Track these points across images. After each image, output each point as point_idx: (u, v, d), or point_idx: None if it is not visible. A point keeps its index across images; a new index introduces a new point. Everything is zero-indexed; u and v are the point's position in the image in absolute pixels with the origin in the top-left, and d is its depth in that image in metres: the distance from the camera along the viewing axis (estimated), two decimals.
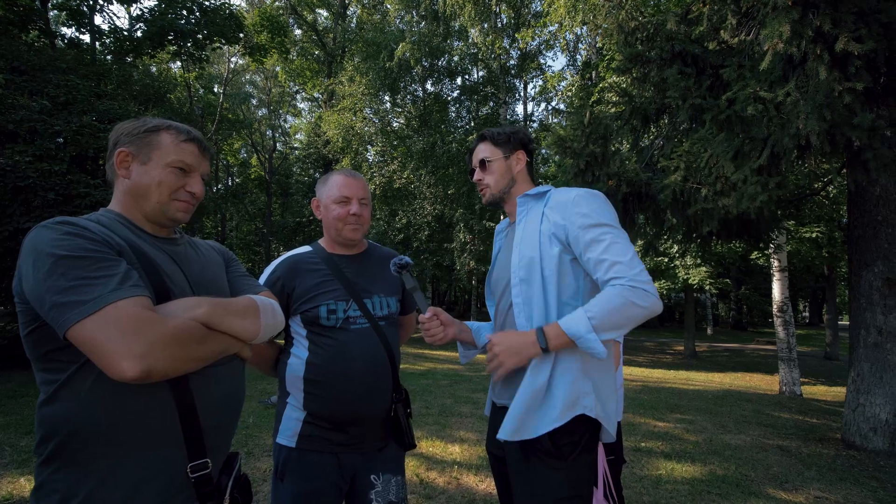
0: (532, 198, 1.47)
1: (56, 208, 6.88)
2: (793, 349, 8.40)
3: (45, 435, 0.90)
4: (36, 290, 0.84)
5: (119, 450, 0.90)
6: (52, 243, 0.85)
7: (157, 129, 1.06)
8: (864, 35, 2.47)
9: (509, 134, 1.53)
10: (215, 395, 1.02)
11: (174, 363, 0.86)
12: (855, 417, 4.73)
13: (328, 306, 1.45)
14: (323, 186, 1.60)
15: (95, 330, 0.80)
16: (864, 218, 4.70)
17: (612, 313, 1.19)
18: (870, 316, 4.67)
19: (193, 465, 0.97)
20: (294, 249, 1.61)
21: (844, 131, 2.69)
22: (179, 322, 0.89)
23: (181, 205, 1.08)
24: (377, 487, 1.47)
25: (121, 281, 0.86)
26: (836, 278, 15.66)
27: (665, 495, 3.33)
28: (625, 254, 1.25)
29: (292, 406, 1.47)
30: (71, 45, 10.40)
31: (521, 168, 1.53)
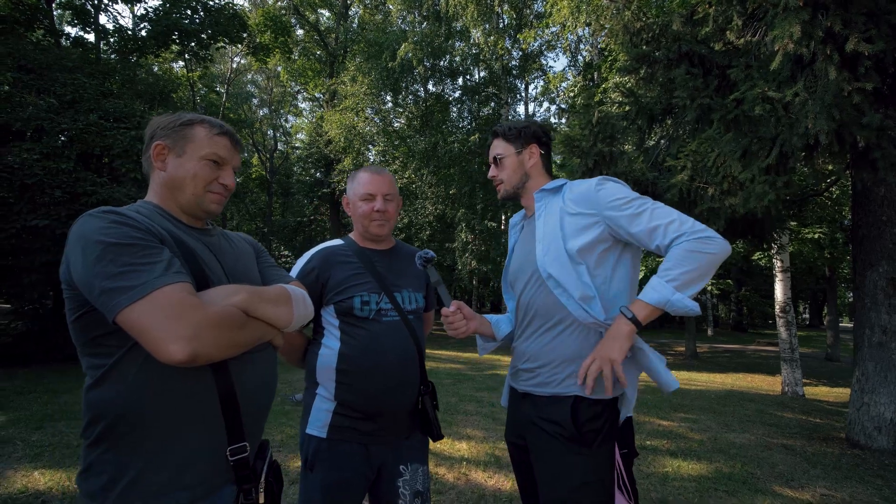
0: (549, 192, 1.49)
1: (62, 206, 6.91)
2: (795, 350, 8.42)
3: (93, 417, 0.93)
4: (85, 276, 0.87)
5: (165, 432, 0.93)
6: (99, 231, 0.88)
7: (192, 123, 1.09)
8: (874, 36, 2.50)
9: (520, 129, 1.53)
10: (252, 381, 1.05)
11: (218, 348, 0.89)
12: (859, 416, 4.76)
13: (361, 297, 1.48)
14: (351, 183, 1.63)
15: (144, 314, 0.83)
16: (869, 218, 4.72)
17: (688, 268, 1.21)
18: (874, 315, 4.70)
19: (233, 449, 0.99)
20: (326, 242, 1.63)
21: (853, 131, 2.72)
22: (221, 307, 0.92)
23: (215, 196, 1.10)
24: (405, 476, 1.49)
25: (166, 267, 0.89)
26: (837, 279, 15.69)
27: (673, 492, 3.35)
28: (670, 214, 1.28)
29: (322, 397, 1.48)
30: (76, 44, 10.44)
31: (534, 162, 1.53)
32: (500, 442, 4.33)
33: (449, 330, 1.50)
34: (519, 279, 1.51)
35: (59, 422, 4.42)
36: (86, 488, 0.93)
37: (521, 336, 1.49)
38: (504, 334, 1.63)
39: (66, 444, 3.78)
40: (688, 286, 1.21)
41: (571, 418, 1.29)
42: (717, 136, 3.53)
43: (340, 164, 16.71)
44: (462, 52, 16.43)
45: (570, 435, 1.28)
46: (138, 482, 0.91)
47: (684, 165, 3.86)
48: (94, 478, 0.92)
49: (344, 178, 16.63)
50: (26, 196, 6.89)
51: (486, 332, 1.61)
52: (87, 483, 0.93)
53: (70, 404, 5.09)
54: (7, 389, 5.67)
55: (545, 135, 1.56)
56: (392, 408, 1.47)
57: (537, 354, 1.41)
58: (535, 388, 1.40)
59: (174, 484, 0.93)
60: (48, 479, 3.09)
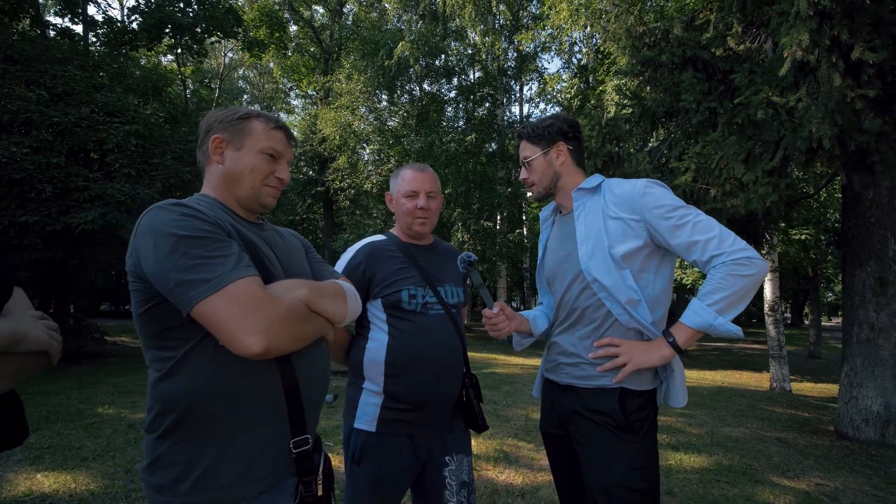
0: (587, 192, 1.49)
1: (53, 202, 6.77)
2: (783, 347, 8.67)
3: (162, 409, 0.92)
4: (158, 268, 0.87)
5: (235, 424, 0.93)
6: (171, 223, 0.88)
7: (249, 117, 1.09)
8: (878, 45, 2.63)
9: (544, 128, 1.51)
10: (311, 375, 1.05)
11: (289, 340, 0.90)
12: (848, 410, 4.94)
13: (409, 291, 1.50)
14: (395, 180, 1.65)
15: (220, 307, 0.83)
16: (858, 220, 4.91)
17: (729, 292, 1.24)
18: (863, 313, 4.88)
19: (296, 441, 1.00)
20: (369, 237, 1.66)
21: (853, 136, 2.84)
22: (290, 301, 0.93)
23: (271, 190, 1.11)
24: (451, 467, 1.52)
25: (237, 261, 0.89)
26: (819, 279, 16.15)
27: (678, 483, 3.46)
28: (711, 229, 1.29)
29: (369, 391, 1.50)
30: (63, 35, 10.19)
31: (563, 160, 1.52)
32: (508, 438, 4.40)
33: (492, 331, 1.52)
34: (559, 278, 1.53)
35: (56, 423, 4.34)
36: (154, 481, 0.92)
37: (563, 333, 1.53)
38: (541, 330, 1.66)
39: (67, 445, 3.72)
40: (729, 310, 1.25)
41: (620, 408, 1.34)
42: (721, 139, 3.64)
43: (335, 162, 16.61)
44: (458, 52, 16.46)
45: (618, 424, 1.34)
46: (211, 474, 0.91)
47: (688, 167, 3.97)
48: (163, 470, 0.92)
49: (338, 176, 16.54)
50: (15, 191, 6.71)
51: (524, 329, 1.64)
52: (156, 476, 0.92)
53: (64, 406, 5.00)
54: None
55: (571, 128, 1.53)
56: (439, 398, 1.50)
57: (581, 350, 1.45)
58: (580, 380, 1.44)
59: (246, 476, 0.93)
60: (52, 481, 3.04)
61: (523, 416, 5.28)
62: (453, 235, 14.83)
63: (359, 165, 16.24)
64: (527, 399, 6.32)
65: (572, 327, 1.49)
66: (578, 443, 1.42)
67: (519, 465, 3.68)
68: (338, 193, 17.20)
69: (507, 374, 8.54)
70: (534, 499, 3.05)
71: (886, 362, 4.72)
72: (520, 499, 3.05)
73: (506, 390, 6.88)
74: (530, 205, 18.42)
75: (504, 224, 16.78)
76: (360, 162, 16.42)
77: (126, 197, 6.99)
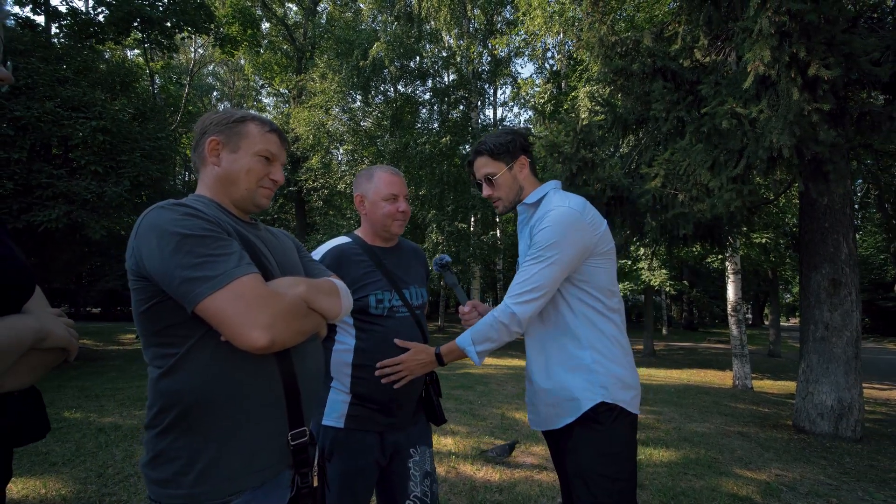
0: (530, 206, 1.55)
1: (14, 199, 6.45)
2: (745, 346, 9.09)
3: (164, 406, 0.94)
4: (163, 266, 0.89)
5: (236, 418, 0.96)
6: (174, 223, 0.91)
7: (244, 120, 1.12)
8: (832, 63, 2.84)
9: (507, 144, 1.53)
10: (309, 369, 1.09)
11: (291, 335, 0.94)
12: (804, 405, 5.24)
13: (376, 296, 1.53)
14: (368, 183, 1.62)
15: (226, 303, 0.87)
16: (813, 225, 5.22)
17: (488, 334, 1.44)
18: (818, 313, 5.19)
19: (294, 433, 1.03)
20: (334, 240, 1.65)
21: (810, 146, 3.05)
22: (291, 297, 0.97)
23: (266, 191, 1.14)
24: (415, 458, 1.57)
25: (239, 258, 0.92)
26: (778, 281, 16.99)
27: (648, 476, 3.59)
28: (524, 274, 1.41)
29: (336, 390, 1.53)
30: (24, 25, 9.70)
31: (525, 173, 1.56)
32: (484, 436, 4.46)
33: (466, 327, 1.58)
34: None
35: None
36: (156, 476, 0.94)
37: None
38: None
39: (34, 450, 3.57)
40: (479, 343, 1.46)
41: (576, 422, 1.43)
42: (689, 147, 3.82)
43: (308, 162, 16.38)
44: (433, 54, 16.54)
45: (585, 415, 1.40)
46: (213, 468, 0.93)
47: (657, 173, 4.14)
48: (165, 465, 0.94)
49: (311, 176, 16.31)
50: None
51: None
52: (158, 471, 0.94)
53: None
54: None
55: (527, 141, 1.58)
56: (404, 396, 1.54)
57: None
58: None
59: (247, 468, 0.96)
60: (21, 486, 2.93)
61: (499, 415, 5.36)
62: (427, 237, 14.85)
63: (332, 166, 16.08)
64: (501, 398, 6.42)
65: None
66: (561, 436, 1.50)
67: (496, 462, 3.74)
68: (311, 193, 16.97)
69: (480, 374, 8.62)
70: (511, 494, 3.12)
71: (839, 359, 5.03)
72: (497, 494, 3.11)
73: (480, 390, 6.96)
74: None
75: (478, 226, 16.94)
76: (334, 162, 16.26)
77: (92, 195, 6.72)
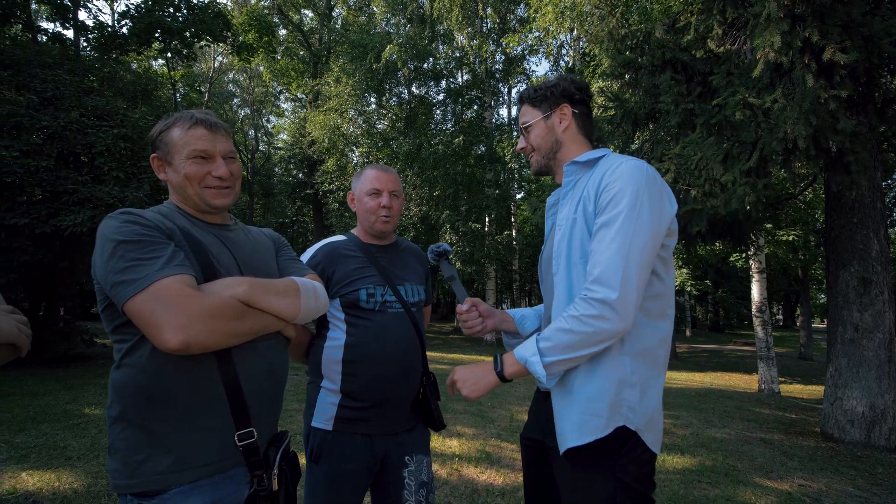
0: (581, 166, 1.23)
1: (42, 205, 6.71)
2: (771, 348, 8.72)
3: (113, 399, 1.01)
4: (102, 271, 0.96)
5: (172, 415, 0.98)
6: (113, 230, 0.96)
7: (169, 128, 1.10)
8: (848, 46, 2.67)
9: (547, 89, 1.28)
10: (258, 368, 1.07)
11: (213, 336, 0.93)
12: (833, 411, 4.97)
13: (367, 290, 1.51)
14: (357, 181, 1.66)
15: (143, 304, 0.90)
16: (841, 220, 4.95)
17: (570, 342, 1.06)
18: (846, 313, 4.92)
19: (240, 434, 1.02)
20: (329, 238, 1.66)
21: (828, 136, 2.88)
22: (218, 299, 0.96)
23: (212, 192, 1.11)
24: (410, 467, 1.52)
25: (167, 261, 0.94)
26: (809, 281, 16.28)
27: (659, 484, 3.46)
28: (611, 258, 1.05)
29: (327, 390, 1.50)
30: (54, 40, 10.15)
31: (566, 126, 1.27)
32: (491, 439, 4.39)
33: (464, 328, 1.43)
34: (544, 269, 1.34)
35: (42, 423, 4.30)
36: (110, 465, 1.01)
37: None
38: (529, 331, 1.49)
39: (52, 445, 3.69)
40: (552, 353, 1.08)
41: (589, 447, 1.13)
42: (700, 140, 3.67)
43: (324, 164, 16.60)
44: (446, 55, 16.53)
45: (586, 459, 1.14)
46: (146, 462, 0.97)
47: (668, 168, 4.00)
48: (115, 455, 0.99)
49: (328, 178, 16.53)
50: (5, 195, 6.66)
51: (509, 328, 1.50)
52: (110, 461, 1.01)
53: (51, 406, 4.95)
54: None
55: (579, 91, 1.28)
56: (396, 396, 1.50)
57: None
58: None
59: (178, 464, 0.97)
60: (37, 479, 3.04)
61: (507, 417, 5.27)
62: (441, 237, 14.83)
63: (348, 168, 16.24)
64: (512, 400, 6.32)
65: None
66: (555, 463, 1.24)
67: (501, 465, 3.67)
68: (327, 196, 17.18)
69: None
70: (514, 499, 3.04)
71: (871, 363, 4.75)
72: (500, 498, 3.04)
73: (491, 392, 6.88)
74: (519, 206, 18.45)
75: (492, 226, 16.81)
76: (349, 164, 16.42)
77: (115, 199, 6.96)
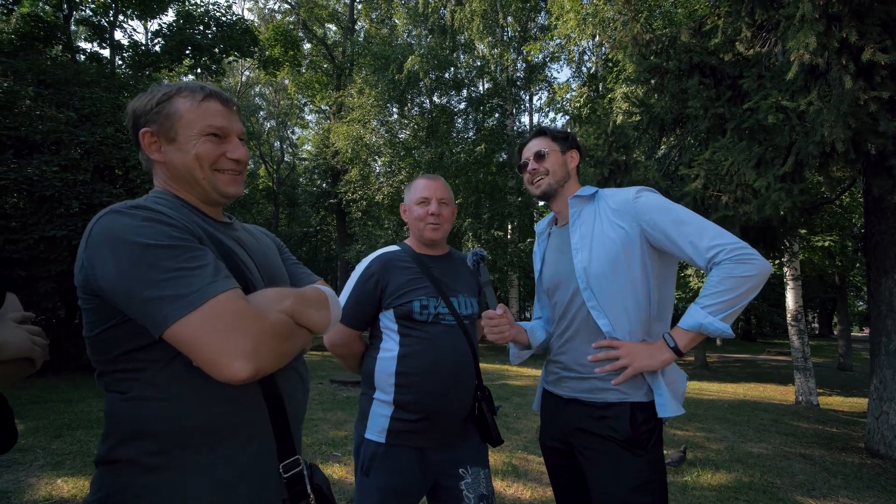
0: (583, 199, 1.49)
1: (79, 217, 7.02)
2: (808, 358, 8.34)
3: (124, 437, 0.82)
4: (121, 284, 0.75)
5: (212, 451, 0.83)
6: (133, 231, 0.76)
7: (170, 97, 0.91)
8: (889, 46, 2.56)
9: (567, 133, 1.59)
10: (295, 385, 0.97)
11: (276, 359, 0.80)
12: (878, 425, 4.71)
13: (421, 301, 1.50)
14: (408, 192, 1.68)
15: (199, 327, 0.73)
16: (882, 226, 4.73)
17: (724, 297, 1.22)
18: (890, 323, 4.68)
19: (286, 464, 0.90)
20: (383, 248, 1.66)
21: (868, 139, 2.76)
22: (276, 316, 0.82)
23: (227, 177, 0.94)
24: (467, 479, 1.49)
25: (214, 272, 0.78)
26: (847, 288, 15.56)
27: (694, 501, 3.33)
28: (709, 226, 1.30)
29: (379, 402, 1.50)
30: (91, 59, 10.68)
31: (574, 166, 1.56)
32: (518, 451, 4.32)
33: (491, 334, 1.47)
34: (560, 289, 1.51)
35: (77, 430, 4.45)
36: None
37: (565, 345, 1.49)
38: (539, 342, 1.62)
39: (87, 452, 3.81)
40: (722, 311, 1.24)
41: (629, 421, 1.32)
42: (731, 145, 3.57)
43: (347, 174, 16.85)
44: (467, 64, 16.63)
45: (626, 437, 1.31)
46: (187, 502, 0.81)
47: (698, 174, 3.90)
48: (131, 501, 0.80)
49: (351, 188, 16.77)
50: (45, 207, 7.00)
51: (522, 339, 1.60)
52: None
53: (86, 413, 5.12)
54: (23, 398, 5.71)
55: (581, 149, 1.62)
56: (449, 408, 1.48)
57: (585, 363, 1.41)
58: (586, 394, 1.41)
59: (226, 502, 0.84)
60: (71, 486, 3.12)
61: (533, 429, 5.18)
62: (464, 245, 14.84)
63: (370, 177, 16.45)
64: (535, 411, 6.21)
65: (573, 339, 1.46)
66: (584, 457, 1.39)
67: (528, 478, 3.60)
68: (350, 205, 17.42)
69: (519, 386, 8.42)
70: None
71: None
72: None
73: (517, 402, 6.78)
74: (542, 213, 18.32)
75: (515, 233, 16.72)
76: (372, 174, 16.63)
77: None
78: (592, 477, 1.35)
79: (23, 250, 6.78)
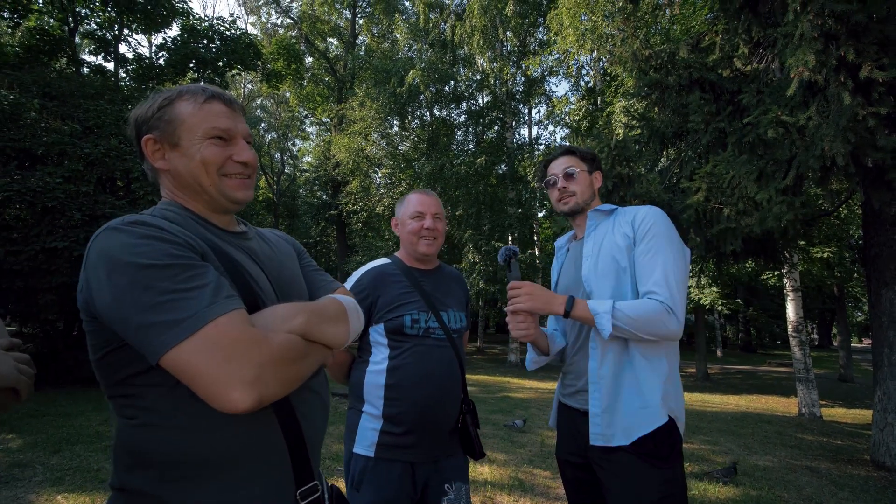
0: (602, 213, 1.56)
1: (81, 228, 7.01)
2: (810, 370, 8.33)
3: (132, 464, 0.78)
4: (115, 307, 0.70)
5: (225, 480, 0.78)
6: (129, 249, 0.71)
7: (171, 101, 0.87)
8: (886, 63, 2.63)
9: (594, 154, 1.65)
10: (314, 407, 0.91)
11: (282, 386, 0.75)
12: (884, 437, 4.69)
13: (412, 316, 1.52)
14: (401, 206, 1.69)
15: (195, 354, 0.67)
16: (881, 237, 4.77)
17: (638, 317, 1.30)
18: (892, 334, 4.69)
19: (303, 491, 0.84)
20: (375, 261, 1.68)
21: (867, 153, 2.81)
22: (283, 338, 0.76)
23: (235, 182, 0.89)
24: (449, 496, 1.51)
25: (214, 293, 0.72)
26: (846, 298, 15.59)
27: None
28: (666, 273, 1.35)
29: (368, 415, 1.51)
30: (96, 71, 10.78)
31: (598, 186, 1.64)
32: (523, 465, 4.29)
33: (516, 330, 1.46)
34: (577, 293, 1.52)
35: (76, 445, 4.39)
36: None
37: (578, 355, 1.51)
38: (557, 349, 1.62)
39: (87, 467, 3.76)
40: (622, 324, 1.31)
41: (651, 435, 1.32)
42: (732, 159, 3.62)
43: (348, 186, 16.95)
44: (467, 78, 16.85)
45: (647, 450, 1.31)
46: None
47: (699, 187, 3.95)
48: None
49: (351, 199, 16.85)
50: (46, 218, 7.01)
51: (542, 343, 1.60)
52: None
53: (85, 427, 5.06)
54: (20, 412, 5.64)
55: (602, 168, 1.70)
56: (437, 421, 1.50)
57: None
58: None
59: None
60: (72, 502, 3.08)
61: (538, 443, 5.15)
62: (464, 257, 14.86)
63: (371, 189, 16.55)
64: (542, 424, 6.17)
65: (583, 349, 1.48)
66: (604, 470, 1.39)
67: (534, 493, 3.57)
68: (350, 216, 17.49)
69: (521, 399, 8.37)
70: None
71: None
72: None
73: (520, 415, 6.74)
74: (541, 224, 18.40)
75: (515, 245, 16.76)
76: (373, 186, 16.73)
77: None
78: (611, 491, 1.35)
79: (23, 261, 6.76)
